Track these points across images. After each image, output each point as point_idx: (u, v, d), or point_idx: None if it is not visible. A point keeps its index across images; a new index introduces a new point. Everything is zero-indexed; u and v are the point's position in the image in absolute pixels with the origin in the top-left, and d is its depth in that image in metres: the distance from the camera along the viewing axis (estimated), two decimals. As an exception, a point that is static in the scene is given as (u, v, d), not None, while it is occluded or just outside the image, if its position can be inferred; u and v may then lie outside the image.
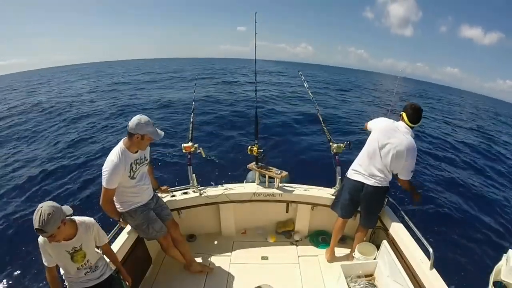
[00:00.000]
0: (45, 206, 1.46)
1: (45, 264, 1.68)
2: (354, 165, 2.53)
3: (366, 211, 2.57)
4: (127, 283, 2.03)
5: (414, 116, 2.29)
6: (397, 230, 2.46)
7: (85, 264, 1.75)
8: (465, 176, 6.90)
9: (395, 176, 2.44)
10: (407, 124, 2.31)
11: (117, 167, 1.97)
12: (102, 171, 1.98)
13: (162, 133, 2.11)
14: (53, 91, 20.38)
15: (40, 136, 9.18)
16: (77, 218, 1.74)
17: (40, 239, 1.60)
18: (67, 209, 1.61)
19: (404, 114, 2.33)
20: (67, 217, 1.60)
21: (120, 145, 2.06)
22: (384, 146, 2.31)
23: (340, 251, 2.86)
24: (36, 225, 1.44)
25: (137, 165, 2.13)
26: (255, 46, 2.99)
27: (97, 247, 1.88)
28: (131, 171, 2.09)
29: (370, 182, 2.40)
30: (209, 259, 2.82)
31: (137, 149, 2.12)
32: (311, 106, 3.46)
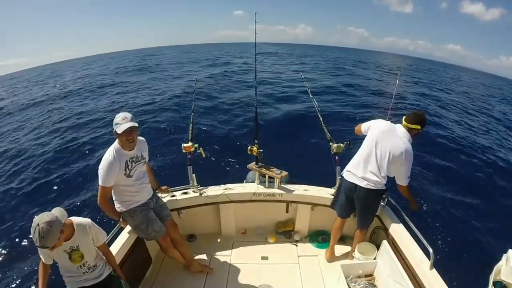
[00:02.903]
0: (42, 223, 1.42)
1: (42, 260, 1.69)
2: (349, 167, 2.52)
3: (359, 211, 2.58)
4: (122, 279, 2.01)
5: (414, 118, 2.29)
6: (397, 230, 2.46)
7: (83, 265, 1.75)
8: (465, 175, 6.89)
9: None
10: (405, 125, 2.30)
11: (112, 165, 2.00)
12: (98, 170, 2.01)
13: (127, 121, 1.98)
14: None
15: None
16: (74, 219, 1.73)
17: None
18: (62, 215, 1.58)
19: (404, 118, 2.35)
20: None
21: (115, 144, 2.08)
22: (381, 149, 2.29)
23: (340, 251, 2.87)
24: (36, 243, 1.43)
25: (133, 163, 2.14)
26: (255, 46, 3.00)
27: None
28: (127, 169, 2.10)
29: (362, 184, 2.39)
30: (209, 259, 2.82)
31: (133, 146, 2.12)
32: (311, 105, 3.45)
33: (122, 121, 1.99)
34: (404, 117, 2.35)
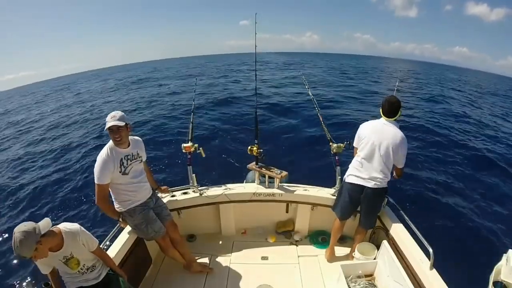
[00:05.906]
0: (17, 233, 1.42)
1: (42, 272, 1.70)
2: (352, 170, 2.52)
3: (365, 212, 2.58)
4: (124, 279, 2.01)
5: (389, 110, 2.35)
6: (397, 230, 2.46)
7: (81, 269, 1.76)
8: (465, 176, 6.88)
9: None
10: (392, 120, 2.37)
11: (106, 162, 2.02)
12: (94, 169, 2.02)
13: (114, 120, 1.99)
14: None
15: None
16: (62, 227, 1.68)
17: None
18: (44, 225, 1.54)
19: (385, 114, 2.38)
20: (48, 231, 1.56)
21: (110, 143, 2.10)
22: (381, 144, 2.33)
23: (340, 251, 2.86)
24: (14, 251, 1.44)
25: (128, 161, 2.15)
26: (255, 46, 3.00)
27: None
28: (122, 166, 2.10)
29: (370, 184, 2.40)
30: (209, 259, 2.82)
31: (123, 145, 2.11)
32: (312, 105, 3.45)
33: (110, 120, 2.00)
34: (383, 112, 2.38)
